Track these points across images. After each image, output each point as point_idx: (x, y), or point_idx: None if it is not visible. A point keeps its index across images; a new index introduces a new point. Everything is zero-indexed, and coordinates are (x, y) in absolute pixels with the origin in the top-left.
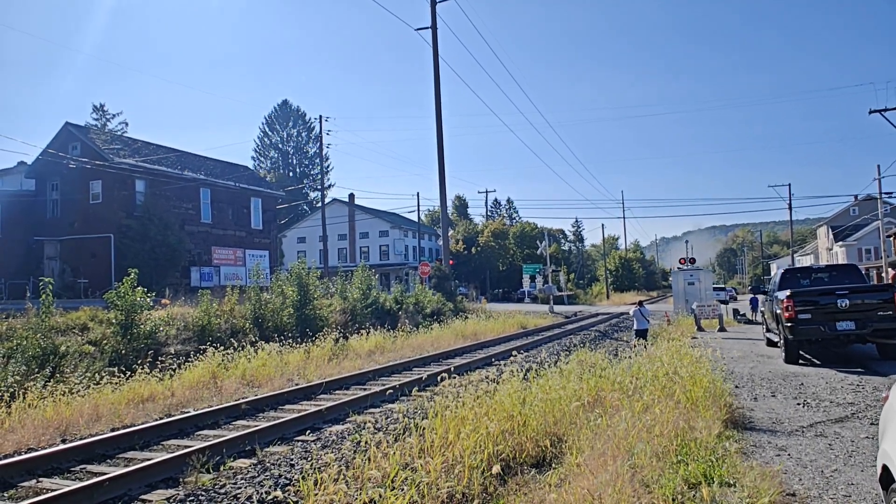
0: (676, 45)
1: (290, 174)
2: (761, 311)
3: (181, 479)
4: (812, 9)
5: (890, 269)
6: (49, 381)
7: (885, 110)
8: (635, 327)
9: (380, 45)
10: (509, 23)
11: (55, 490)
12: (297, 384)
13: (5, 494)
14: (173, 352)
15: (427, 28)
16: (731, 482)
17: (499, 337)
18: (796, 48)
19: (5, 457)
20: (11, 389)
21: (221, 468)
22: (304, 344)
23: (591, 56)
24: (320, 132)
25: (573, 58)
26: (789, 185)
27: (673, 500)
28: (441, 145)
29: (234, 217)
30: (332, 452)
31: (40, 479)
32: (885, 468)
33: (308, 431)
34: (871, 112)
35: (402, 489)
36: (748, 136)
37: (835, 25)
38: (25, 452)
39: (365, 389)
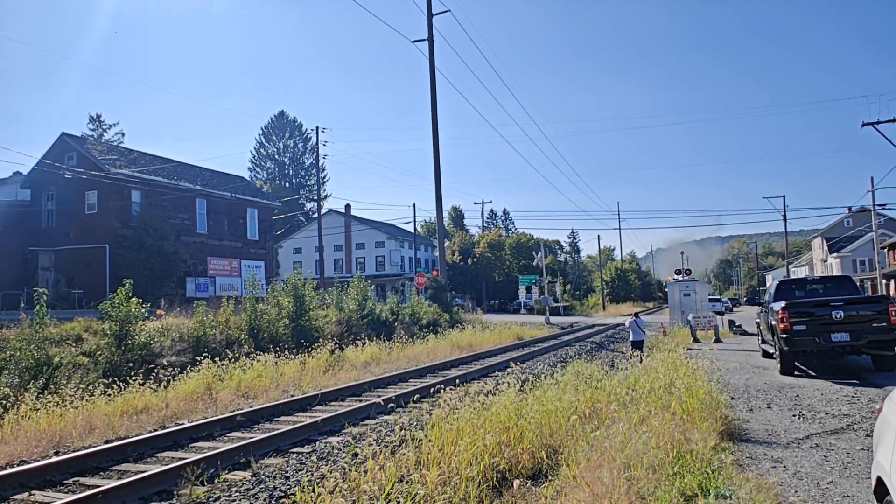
0: (678, 56)
1: (287, 185)
2: (757, 323)
3: (175, 492)
4: (810, 21)
5: (884, 281)
6: (42, 393)
7: (878, 123)
8: (631, 338)
9: (380, 56)
10: (511, 32)
11: (47, 503)
12: (292, 395)
13: None
14: (168, 363)
15: (424, 40)
16: (727, 494)
17: (495, 348)
18: (795, 60)
19: None
20: (4, 401)
21: (216, 480)
22: (299, 355)
23: (593, 65)
24: (317, 143)
25: (575, 67)
26: (784, 196)
27: None
28: (437, 157)
29: (230, 227)
30: (328, 464)
31: (33, 491)
32: (879, 480)
33: (304, 443)
34: (863, 125)
35: (399, 501)
36: (747, 147)
37: (832, 38)
38: (18, 465)
39: (361, 401)
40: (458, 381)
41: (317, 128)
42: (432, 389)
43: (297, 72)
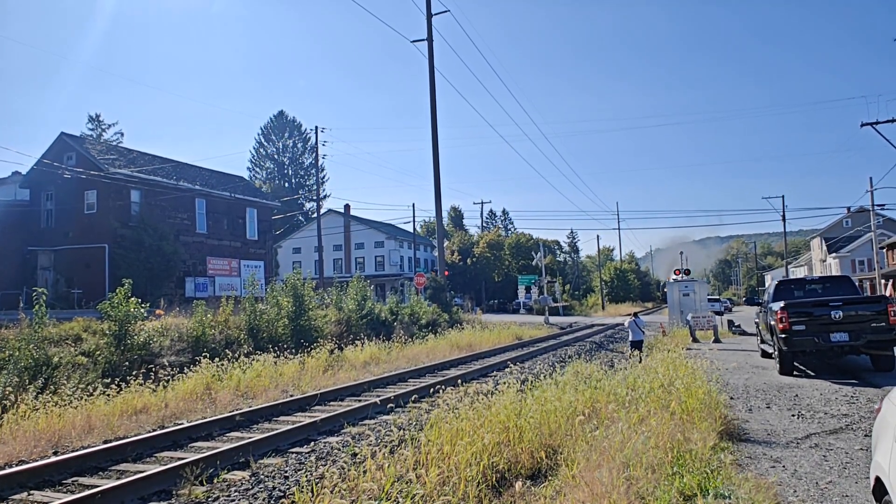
0: (678, 57)
1: (286, 185)
2: (756, 323)
3: (174, 492)
4: (810, 22)
5: (883, 281)
6: (41, 393)
7: (877, 123)
8: (630, 338)
9: (380, 56)
10: (511, 32)
11: (46, 503)
12: (291, 395)
13: None
14: (167, 363)
15: (423, 40)
16: (726, 494)
17: (494, 348)
18: (795, 61)
19: None
20: (4, 401)
21: (215, 480)
22: (299, 355)
23: (593, 66)
24: (316, 143)
25: (575, 67)
26: (783, 196)
27: None
28: (436, 157)
29: (230, 227)
30: (327, 464)
31: (32, 492)
32: (877, 480)
33: (303, 443)
34: (862, 125)
35: (398, 501)
36: (746, 147)
37: (832, 39)
38: (17, 465)
39: (360, 401)
40: (457, 381)
41: (316, 128)
42: (431, 389)
43: (296, 72)
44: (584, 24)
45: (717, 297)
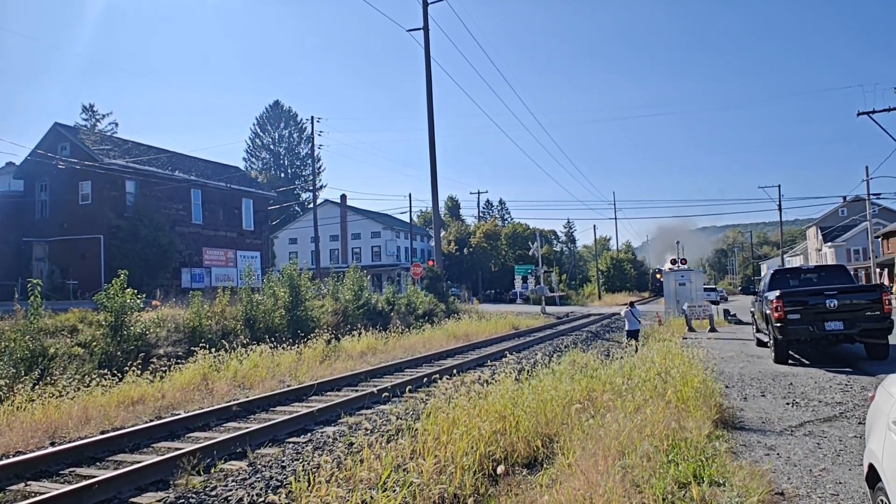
0: (674, 50)
1: (282, 175)
2: (751, 312)
3: (172, 482)
4: (806, 14)
5: (878, 270)
6: (38, 384)
7: (874, 112)
8: (627, 328)
9: (376, 48)
10: (511, 32)
11: (44, 493)
12: (288, 386)
13: None
14: (164, 353)
15: (419, 29)
16: (721, 482)
17: (491, 338)
18: (790, 52)
19: None
20: None
21: (212, 470)
22: (295, 345)
23: (592, 63)
24: (312, 133)
25: (574, 66)
26: (779, 186)
27: (663, 499)
28: (433, 147)
29: (226, 218)
30: (324, 454)
31: (29, 482)
32: (871, 467)
33: (300, 433)
34: (859, 114)
35: (395, 490)
36: (742, 139)
37: (827, 29)
38: (13, 455)
39: (357, 391)
40: (453, 370)
41: (312, 118)
42: (428, 379)
43: (294, 67)
44: (583, 21)
45: (714, 286)
